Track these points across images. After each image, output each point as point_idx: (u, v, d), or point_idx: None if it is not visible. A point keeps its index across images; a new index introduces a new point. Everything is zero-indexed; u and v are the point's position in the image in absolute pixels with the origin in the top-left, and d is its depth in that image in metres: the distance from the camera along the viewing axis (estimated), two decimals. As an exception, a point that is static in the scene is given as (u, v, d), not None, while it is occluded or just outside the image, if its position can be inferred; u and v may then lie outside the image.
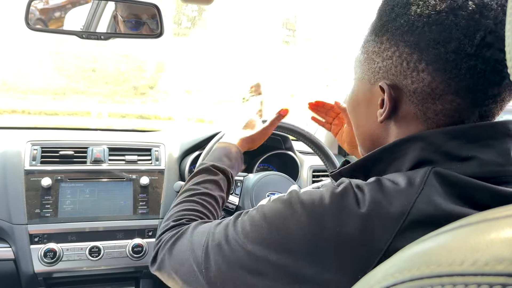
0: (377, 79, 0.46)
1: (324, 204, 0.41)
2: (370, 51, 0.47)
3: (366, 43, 0.48)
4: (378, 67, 0.45)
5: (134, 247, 1.03)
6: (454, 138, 0.41)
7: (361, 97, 0.50)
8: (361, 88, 0.49)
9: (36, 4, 0.92)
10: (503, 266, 0.17)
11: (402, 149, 0.43)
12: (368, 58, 0.47)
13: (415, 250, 0.23)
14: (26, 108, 3.41)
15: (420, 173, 0.40)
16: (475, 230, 0.20)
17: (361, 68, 0.49)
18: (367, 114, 0.49)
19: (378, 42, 0.45)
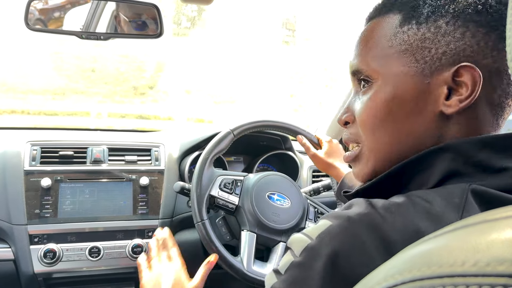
0: (437, 67, 0.40)
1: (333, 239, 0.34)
2: (416, 39, 0.41)
3: (398, 35, 0.42)
4: (438, 53, 0.40)
5: (134, 247, 1.03)
6: (486, 148, 0.37)
7: (405, 95, 0.42)
8: (404, 85, 0.42)
9: (35, 4, 0.92)
10: (504, 267, 0.17)
11: (428, 161, 0.39)
12: (414, 48, 0.41)
13: (416, 251, 0.23)
14: (26, 108, 3.41)
15: (457, 192, 0.35)
16: (476, 230, 0.20)
17: (397, 63, 0.42)
18: (416, 114, 0.42)
19: (430, 28, 0.40)
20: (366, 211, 0.35)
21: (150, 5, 0.91)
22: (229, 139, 0.95)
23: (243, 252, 0.88)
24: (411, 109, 0.42)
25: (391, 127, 0.43)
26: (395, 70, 0.42)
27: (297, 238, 0.38)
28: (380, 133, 0.44)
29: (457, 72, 0.39)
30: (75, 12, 1.00)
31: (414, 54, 0.41)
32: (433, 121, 0.41)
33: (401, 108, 0.42)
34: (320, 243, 0.35)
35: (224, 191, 0.92)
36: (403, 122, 0.42)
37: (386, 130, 0.44)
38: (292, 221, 0.93)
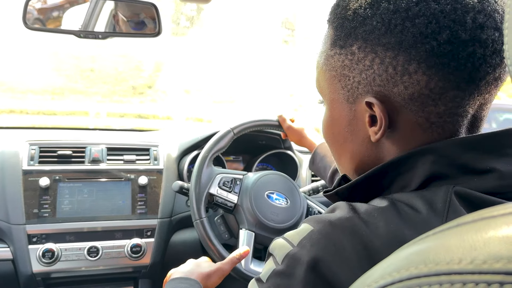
0: (357, 95, 0.40)
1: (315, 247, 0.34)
2: (339, 66, 0.41)
3: (329, 59, 0.42)
4: (356, 82, 0.39)
5: (132, 247, 1.03)
6: (469, 149, 0.36)
7: (341, 119, 0.43)
8: (338, 110, 0.43)
9: (34, 4, 0.92)
10: (501, 264, 0.17)
11: (409, 163, 0.38)
12: (339, 75, 0.41)
13: (413, 249, 0.23)
14: (24, 108, 3.41)
15: (440, 194, 0.35)
16: (473, 228, 0.20)
17: (331, 89, 0.43)
18: (352, 136, 0.43)
19: (347, 54, 0.39)
20: (348, 216, 0.35)
21: (148, 4, 0.91)
22: (229, 138, 0.95)
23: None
24: (346, 133, 0.43)
25: (335, 144, 0.46)
26: (330, 96, 0.44)
27: (279, 244, 0.37)
28: (331, 149, 0.48)
29: (368, 104, 0.39)
30: (74, 11, 0.99)
31: (340, 81, 0.41)
32: (367, 145, 0.42)
33: (339, 131, 0.44)
34: (301, 250, 0.35)
35: (223, 189, 0.92)
36: (343, 143, 0.44)
37: (334, 146, 0.47)
38: (290, 220, 0.93)
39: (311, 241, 0.35)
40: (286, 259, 0.35)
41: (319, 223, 0.36)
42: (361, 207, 0.36)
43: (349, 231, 0.34)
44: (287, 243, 0.36)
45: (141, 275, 1.09)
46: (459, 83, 0.36)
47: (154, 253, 1.06)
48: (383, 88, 0.38)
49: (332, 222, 0.35)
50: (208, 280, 0.68)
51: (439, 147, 0.37)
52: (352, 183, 0.42)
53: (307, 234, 0.35)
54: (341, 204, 0.37)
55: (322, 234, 0.34)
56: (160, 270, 1.09)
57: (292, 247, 0.36)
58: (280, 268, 0.35)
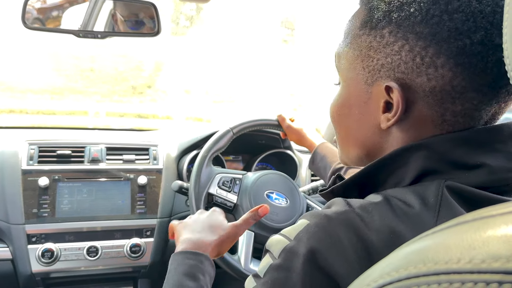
0: (377, 78, 0.39)
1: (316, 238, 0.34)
2: (365, 46, 0.40)
3: (356, 38, 0.41)
4: (379, 65, 0.39)
5: (132, 247, 1.03)
6: (460, 145, 0.37)
7: (354, 100, 0.43)
8: (354, 90, 0.42)
9: (33, 4, 0.92)
10: (500, 263, 0.17)
11: (402, 159, 0.38)
12: (362, 55, 0.41)
13: (412, 248, 0.23)
14: (24, 108, 3.41)
15: (431, 189, 0.35)
16: (472, 227, 0.20)
17: (351, 67, 0.42)
18: (362, 120, 0.42)
19: (376, 36, 0.39)
20: (343, 210, 0.35)
21: (148, 4, 0.91)
22: (228, 137, 0.95)
23: (240, 251, 0.88)
24: (357, 115, 0.43)
25: (343, 127, 0.46)
26: (348, 75, 0.43)
27: (276, 240, 0.38)
28: (339, 130, 0.47)
29: (388, 88, 0.38)
30: (73, 11, 0.99)
31: (362, 61, 0.41)
32: (376, 131, 0.41)
33: (350, 112, 0.44)
34: (298, 243, 0.35)
35: (222, 189, 0.91)
36: (351, 126, 0.44)
37: (341, 129, 0.46)
38: (290, 220, 0.93)
39: (308, 234, 0.35)
40: (283, 253, 0.36)
41: (315, 217, 0.36)
42: (356, 202, 0.36)
43: (345, 224, 0.34)
44: (284, 238, 0.37)
45: (140, 275, 1.09)
46: (481, 86, 0.36)
47: (153, 253, 1.06)
48: (405, 76, 0.37)
49: (328, 216, 0.35)
50: (219, 248, 0.63)
51: (431, 142, 0.37)
52: (347, 180, 0.42)
53: (304, 227, 0.36)
54: (337, 200, 0.38)
55: (318, 227, 0.35)
56: (159, 270, 1.09)
57: (289, 241, 0.36)
58: (277, 262, 0.36)
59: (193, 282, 0.55)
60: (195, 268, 0.56)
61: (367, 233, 0.33)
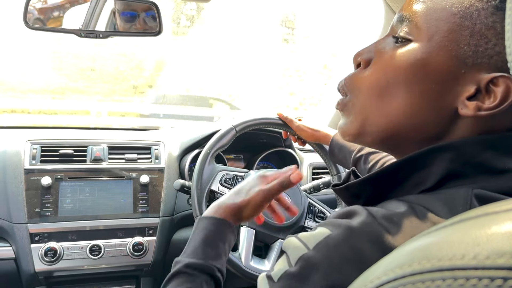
0: (482, 63, 0.35)
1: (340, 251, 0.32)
2: (482, 23, 0.35)
3: (472, 9, 0.36)
4: (494, 51, 0.35)
5: (134, 245, 1.03)
6: (489, 148, 0.35)
7: (434, 70, 0.37)
8: (440, 59, 0.36)
9: (34, 4, 0.92)
10: (504, 259, 0.17)
11: (426, 160, 0.36)
12: (475, 31, 0.35)
13: (416, 244, 0.23)
14: (26, 108, 3.41)
15: (459, 197, 0.33)
16: (476, 224, 0.20)
17: (450, 34, 0.36)
18: (431, 96, 0.37)
19: (503, 20, 0.34)
20: (368, 221, 0.33)
21: (149, 3, 0.91)
22: (231, 135, 0.95)
23: (241, 248, 0.88)
24: (432, 88, 0.37)
25: (403, 95, 0.38)
26: (443, 41, 0.36)
27: (293, 244, 0.36)
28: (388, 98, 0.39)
29: (495, 79, 0.35)
30: (74, 11, 0.99)
31: (471, 36, 0.35)
32: (444, 113, 0.37)
33: (424, 81, 0.37)
34: (317, 254, 0.33)
35: (224, 186, 0.92)
36: (417, 97, 0.38)
37: (396, 97, 0.39)
38: (291, 218, 0.93)
39: (328, 246, 0.33)
40: (300, 262, 0.34)
41: (337, 228, 0.34)
42: (378, 212, 0.34)
43: (369, 238, 0.32)
44: (302, 244, 0.35)
45: (143, 274, 1.09)
46: None
47: (156, 252, 1.06)
48: None
49: (350, 228, 0.33)
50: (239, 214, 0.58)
51: (458, 144, 0.36)
52: (365, 178, 0.40)
53: (324, 238, 0.34)
54: (357, 209, 0.35)
55: (340, 240, 0.33)
56: (162, 269, 1.09)
57: (307, 250, 0.34)
58: (293, 270, 0.34)
59: (213, 249, 0.53)
60: (216, 235, 0.54)
61: (393, 246, 0.31)
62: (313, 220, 0.97)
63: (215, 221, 0.56)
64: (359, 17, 1.34)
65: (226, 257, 0.55)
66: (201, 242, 0.54)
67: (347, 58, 1.42)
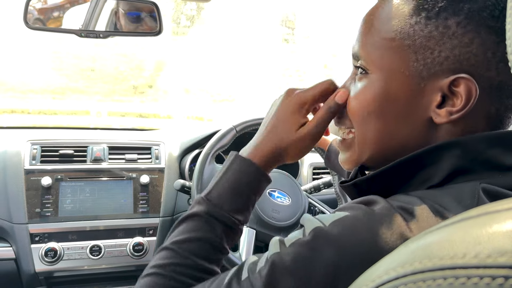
0: (436, 71, 0.37)
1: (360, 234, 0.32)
2: (421, 36, 0.37)
3: (406, 26, 0.38)
4: (441, 57, 0.36)
5: (135, 245, 1.03)
6: (496, 145, 0.36)
7: (398, 94, 0.39)
8: (398, 83, 0.39)
9: (34, 4, 0.92)
10: (505, 258, 0.17)
11: (434, 157, 0.37)
12: (416, 46, 0.37)
13: (417, 244, 0.23)
14: (26, 108, 3.41)
15: (467, 191, 0.34)
16: (477, 223, 0.20)
17: (396, 59, 0.39)
18: (406, 116, 0.39)
19: (439, 26, 0.36)
20: (387, 207, 0.34)
21: (149, 3, 0.91)
22: (231, 135, 0.95)
23: (242, 248, 0.88)
24: (400, 110, 0.39)
25: (378, 123, 0.41)
26: (393, 66, 0.39)
27: (310, 220, 0.36)
28: (367, 127, 0.42)
29: (454, 81, 0.36)
30: (74, 11, 0.99)
31: (415, 52, 0.38)
32: (421, 127, 0.39)
33: (390, 107, 0.40)
34: (332, 229, 0.34)
35: None
36: (390, 121, 0.40)
37: (373, 125, 0.41)
38: (292, 218, 0.93)
39: (344, 223, 0.34)
40: (314, 232, 0.34)
41: (356, 210, 0.35)
42: (395, 203, 0.34)
43: (388, 223, 0.33)
44: (318, 221, 0.36)
45: (143, 274, 1.09)
46: None
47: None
48: (474, 70, 0.36)
49: (369, 211, 0.34)
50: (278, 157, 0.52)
51: (466, 141, 0.36)
52: (373, 174, 0.40)
53: (342, 217, 0.35)
54: (376, 198, 0.36)
55: (358, 220, 0.34)
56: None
57: (323, 225, 0.35)
58: (306, 239, 0.35)
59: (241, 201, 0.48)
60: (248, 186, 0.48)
61: (409, 236, 0.32)
62: (313, 220, 0.97)
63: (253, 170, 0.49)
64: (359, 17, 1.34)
65: (253, 207, 0.50)
66: (231, 190, 0.47)
67: (347, 58, 1.42)
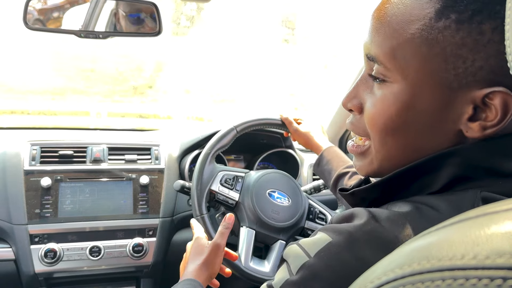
0: (469, 81, 0.34)
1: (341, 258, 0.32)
2: (454, 43, 0.33)
3: (433, 31, 0.34)
4: (476, 67, 0.33)
5: (134, 246, 1.03)
6: (496, 152, 0.35)
7: (424, 104, 0.36)
8: (425, 93, 0.36)
9: (34, 5, 0.92)
10: (504, 259, 0.17)
11: (434, 165, 0.36)
12: (446, 54, 0.34)
13: (416, 245, 0.23)
14: (25, 109, 3.41)
15: (467, 199, 0.33)
16: (476, 224, 0.20)
17: (423, 67, 0.35)
18: (434, 127, 0.36)
19: (472, 32, 0.32)
20: (369, 227, 0.33)
21: (149, 4, 0.91)
22: (231, 135, 0.95)
23: (241, 249, 0.88)
24: (427, 123, 0.37)
25: (402, 139, 0.38)
26: (419, 76, 0.35)
27: (294, 252, 0.35)
28: (389, 141, 0.39)
29: (490, 93, 0.33)
30: (74, 11, 0.99)
31: (445, 61, 0.34)
32: (449, 141, 0.36)
33: (416, 120, 0.37)
34: (318, 262, 0.33)
35: (224, 186, 0.92)
36: (416, 136, 0.38)
37: (396, 141, 0.39)
38: (291, 219, 0.93)
39: (329, 253, 0.33)
40: (302, 270, 0.33)
41: (337, 234, 0.33)
42: (382, 214, 0.33)
43: (372, 243, 0.32)
44: (303, 252, 0.35)
45: (143, 275, 1.09)
46: None
47: (156, 253, 1.06)
48: (509, 81, 0.32)
49: (352, 234, 0.33)
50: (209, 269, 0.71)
51: (465, 149, 0.35)
52: (373, 184, 0.40)
53: (325, 245, 0.33)
54: (359, 212, 0.35)
55: (341, 247, 0.32)
56: (162, 270, 1.09)
57: (308, 258, 0.34)
58: (294, 278, 0.34)
59: None
60: None
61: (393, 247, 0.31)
62: (313, 221, 0.97)
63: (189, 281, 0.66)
64: (359, 18, 1.34)
65: None
66: None
67: (348, 58, 1.42)
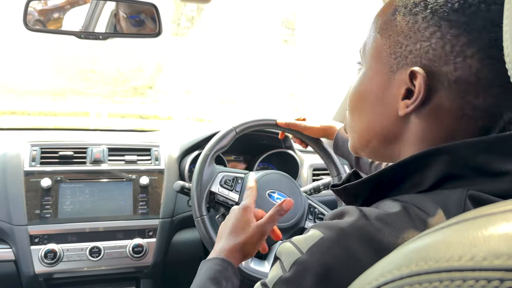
0: (403, 65, 0.39)
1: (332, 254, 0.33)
2: (395, 32, 0.40)
3: (387, 24, 0.41)
4: (407, 51, 0.38)
5: (134, 247, 1.03)
6: (484, 151, 0.35)
7: (375, 87, 0.42)
8: (376, 77, 0.42)
9: (34, 5, 0.92)
10: (501, 261, 0.17)
11: (423, 163, 0.37)
12: (391, 41, 0.40)
13: (413, 246, 0.23)
14: (26, 109, 3.41)
15: (453, 199, 0.34)
16: (473, 225, 0.20)
17: (377, 54, 0.42)
18: (380, 108, 0.42)
19: (409, 22, 0.38)
20: (360, 223, 0.33)
21: (149, 5, 0.91)
22: (231, 136, 0.95)
23: None
24: (376, 103, 0.42)
25: (360, 114, 0.45)
26: (373, 62, 0.43)
27: (287, 249, 0.36)
28: (353, 117, 0.47)
29: (412, 74, 0.38)
30: (74, 12, 1.00)
31: (390, 47, 0.40)
32: (394, 119, 0.41)
33: (368, 100, 0.43)
34: (311, 257, 0.33)
35: (224, 187, 0.92)
36: (369, 113, 0.44)
37: (358, 117, 0.46)
38: (291, 220, 0.93)
39: (321, 248, 0.34)
40: (294, 266, 0.34)
41: (329, 230, 0.34)
42: (372, 213, 0.34)
43: (362, 239, 0.33)
44: (295, 248, 0.35)
45: (143, 275, 1.09)
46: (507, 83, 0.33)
47: (156, 253, 1.06)
48: (432, 63, 0.37)
49: (343, 229, 0.34)
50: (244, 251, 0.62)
51: (454, 147, 0.36)
52: (363, 180, 0.41)
53: (317, 241, 0.34)
54: (350, 209, 0.36)
55: (333, 242, 0.33)
56: (162, 270, 1.09)
57: (301, 254, 0.34)
58: (287, 275, 0.34)
59: (216, 286, 0.55)
60: (219, 273, 0.56)
61: (386, 248, 0.31)
62: (313, 222, 0.97)
63: (220, 262, 0.59)
64: (359, 18, 1.34)
65: None
66: (207, 278, 0.56)
67: (348, 59, 1.42)
